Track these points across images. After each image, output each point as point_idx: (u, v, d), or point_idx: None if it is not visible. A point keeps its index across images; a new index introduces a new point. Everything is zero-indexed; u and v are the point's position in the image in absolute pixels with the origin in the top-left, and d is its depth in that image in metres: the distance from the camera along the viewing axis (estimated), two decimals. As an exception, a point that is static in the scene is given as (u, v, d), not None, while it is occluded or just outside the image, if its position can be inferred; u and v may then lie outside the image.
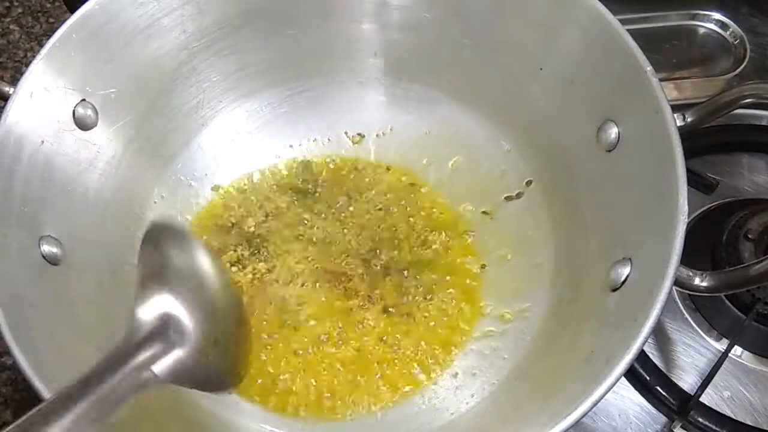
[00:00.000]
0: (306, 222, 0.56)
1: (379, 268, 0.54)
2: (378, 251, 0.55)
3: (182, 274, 0.41)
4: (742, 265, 0.43)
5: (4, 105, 0.44)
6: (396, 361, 0.51)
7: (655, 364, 0.52)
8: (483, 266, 0.54)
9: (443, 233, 0.56)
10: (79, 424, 0.31)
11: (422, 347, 0.51)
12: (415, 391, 0.50)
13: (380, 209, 0.57)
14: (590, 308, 0.44)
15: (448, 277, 0.54)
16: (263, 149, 0.59)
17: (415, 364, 0.50)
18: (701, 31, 0.73)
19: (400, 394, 0.49)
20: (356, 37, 0.57)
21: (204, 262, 0.43)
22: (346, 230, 0.56)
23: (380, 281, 0.53)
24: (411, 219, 0.56)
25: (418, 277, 0.54)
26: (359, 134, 0.60)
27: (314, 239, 0.55)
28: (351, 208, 0.57)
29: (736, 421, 0.50)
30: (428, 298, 0.53)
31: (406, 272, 0.54)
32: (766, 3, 0.72)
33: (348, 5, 0.55)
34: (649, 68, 0.43)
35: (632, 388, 0.52)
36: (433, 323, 0.52)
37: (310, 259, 0.54)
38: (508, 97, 0.55)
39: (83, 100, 0.48)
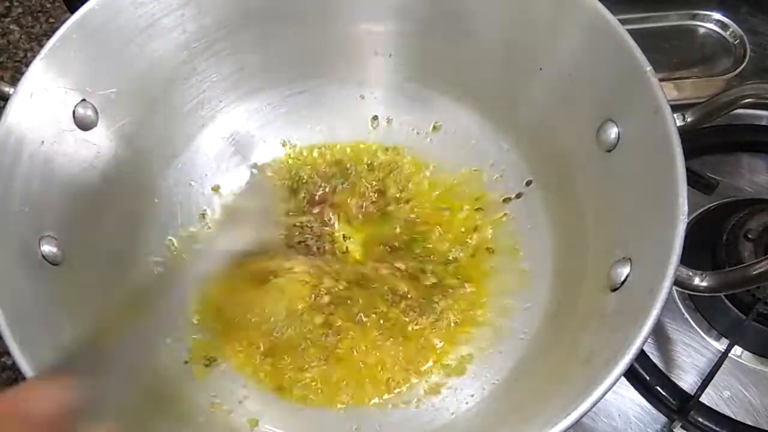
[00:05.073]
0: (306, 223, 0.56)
1: (377, 268, 0.54)
2: (376, 251, 0.55)
3: None
4: (742, 265, 0.42)
5: (4, 105, 0.44)
6: (395, 360, 0.51)
7: (655, 364, 0.52)
8: (482, 266, 0.54)
9: (442, 234, 0.56)
10: None
11: (422, 347, 0.51)
12: (415, 391, 0.50)
13: (378, 209, 0.57)
14: (590, 308, 0.44)
15: (447, 278, 0.54)
16: (263, 149, 0.59)
17: (415, 364, 0.50)
18: (701, 31, 0.73)
19: (398, 394, 0.49)
20: (356, 37, 0.57)
21: None
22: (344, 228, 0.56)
23: (378, 281, 0.53)
24: (410, 219, 0.56)
25: (416, 277, 0.54)
26: (359, 134, 0.60)
27: (314, 237, 0.55)
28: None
29: (736, 421, 0.50)
30: (427, 297, 0.53)
31: (403, 273, 0.54)
32: (766, 3, 0.72)
33: (347, 5, 0.55)
34: (649, 68, 0.43)
35: (632, 388, 0.52)
36: (432, 323, 0.52)
37: (309, 261, 0.54)
38: (508, 97, 0.55)
39: (83, 100, 0.48)
